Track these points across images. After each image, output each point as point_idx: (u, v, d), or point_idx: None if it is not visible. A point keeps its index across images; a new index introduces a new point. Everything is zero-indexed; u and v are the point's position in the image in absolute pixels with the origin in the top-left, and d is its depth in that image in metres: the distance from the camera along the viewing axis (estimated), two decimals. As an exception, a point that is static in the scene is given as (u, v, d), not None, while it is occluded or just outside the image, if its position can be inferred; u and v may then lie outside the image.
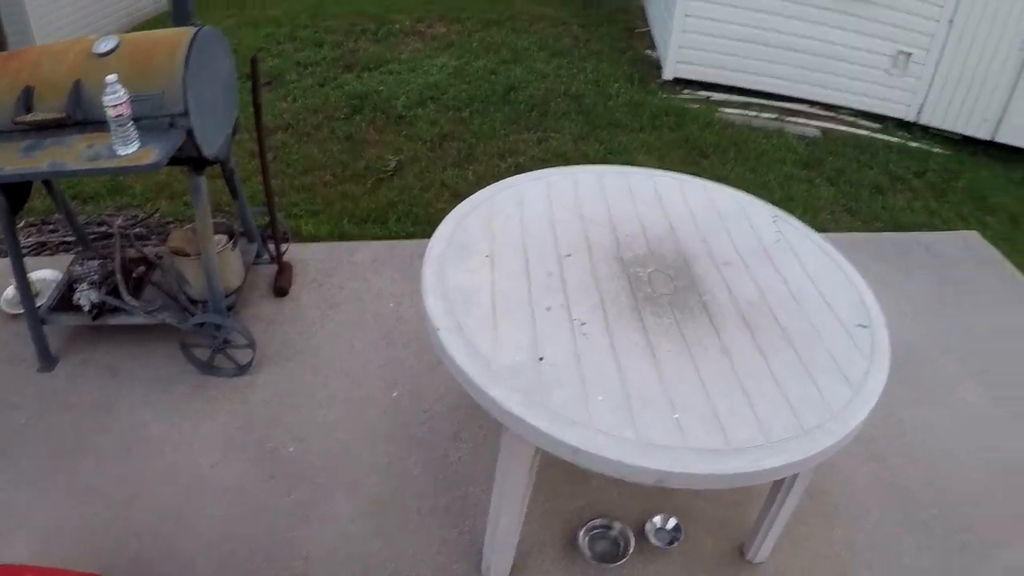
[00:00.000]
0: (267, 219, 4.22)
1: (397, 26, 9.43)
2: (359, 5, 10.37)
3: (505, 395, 2.01)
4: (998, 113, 7.47)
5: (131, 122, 2.88)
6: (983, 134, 7.58)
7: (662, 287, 2.51)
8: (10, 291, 4.09)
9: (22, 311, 3.75)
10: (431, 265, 2.49)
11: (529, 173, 3.19)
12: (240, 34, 9.00)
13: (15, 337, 3.85)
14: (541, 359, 2.14)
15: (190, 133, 3.06)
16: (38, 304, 3.72)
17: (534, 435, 1.97)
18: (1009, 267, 4.98)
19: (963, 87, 7.47)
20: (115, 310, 3.67)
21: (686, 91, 7.86)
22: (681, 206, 3.03)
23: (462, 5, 10.53)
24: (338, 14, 9.91)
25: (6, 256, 4.26)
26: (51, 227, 5.05)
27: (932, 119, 7.69)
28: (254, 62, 3.65)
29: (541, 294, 2.41)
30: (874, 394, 2.20)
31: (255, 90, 3.72)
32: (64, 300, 3.77)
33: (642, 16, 10.44)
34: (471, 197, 2.93)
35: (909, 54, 7.47)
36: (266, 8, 10.47)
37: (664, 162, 6.09)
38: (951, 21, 7.26)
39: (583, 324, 2.29)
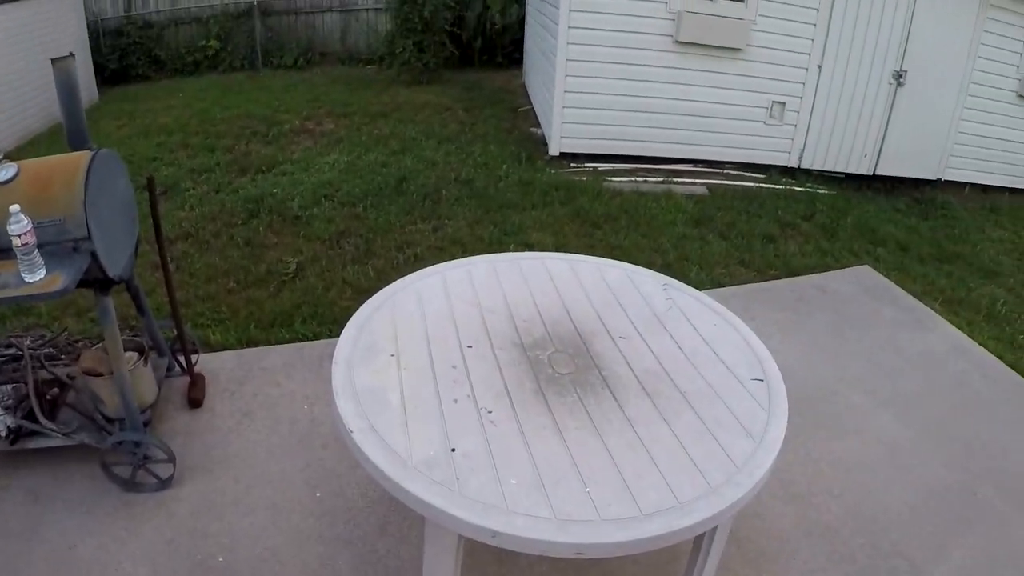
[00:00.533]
0: (175, 332, 4.22)
1: (287, 126, 9.49)
2: (246, 107, 10.44)
3: (422, 488, 2.08)
4: (876, 147, 7.83)
5: (36, 249, 2.90)
6: (864, 169, 7.93)
7: (563, 367, 2.60)
8: None
9: None
10: (339, 369, 2.55)
11: (426, 269, 3.27)
12: (132, 144, 8.99)
13: None
14: (454, 450, 2.22)
15: (94, 256, 3.08)
16: None
17: (454, 523, 2.03)
18: (901, 294, 5.22)
19: (840, 127, 7.81)
20: (32, 433, 3.63)
21: (573, 164, 8.05)
22: (574, 286, 3.14)
23: (347, 100, 10.67)
24: (227, 118, 9.95)
25: None
26: None
27: (814, 162, 8.01)
28: (151, 182, 3.69)
29: (447, 388, 2.48)
30: (776, 443, 2.31)
31: (153, 209, 3.75)
32: None
33: (524, 94, 10.67)
34: (372, 298, 3.00)
35: (783, 103, 7.77)
36: (156, 116, 10.46)
37: (559, 237, 6.23)
38: (819, 66, 7.61)
39: (490, 412, 2.37)
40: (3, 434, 3.58)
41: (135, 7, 14.62)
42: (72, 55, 3.43)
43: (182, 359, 4.25)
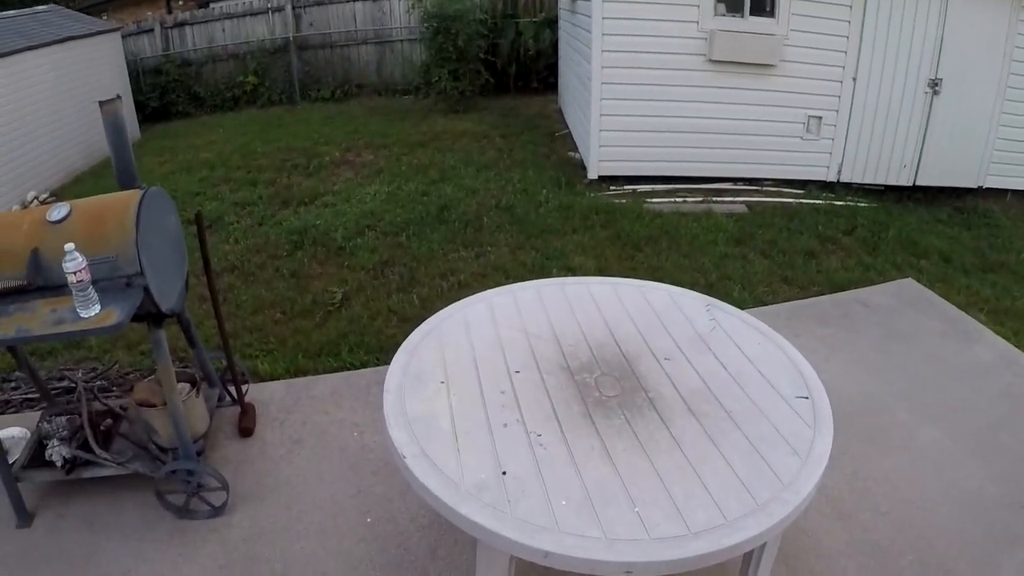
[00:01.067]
0: (224, 363, 4.29)
1: (327, 158, 9.61)
2: (286, 141, 10.57)
3: (475, 511, 2.12)
4: (915, 157, 7.74)
5: (91, 286, 2.97)
6: (904, 180, 7.84)
7: (609, 390, 2.64)
8: None
9: None
10: (391, 397, 2.60)
11: (472, 296, 3.32)
12: (175, 179, 9.16)
13: None
14: (504, 473, 2.26)
15: (147, 291, 3.15)
16: (10, 462, 3.76)
17: (506, 545, 2.07)
18: (946, 306, 5.17)
19: (877, 139, 7.73)
20: (87, 463, 3.71)
21: (612, 187, 8.07)
22: (618, 309, 3.17)
23: (385, 130, 10.76)
24: (268, 151, 10.09)
25: None
26: (12, 384, 5.08)
27: (853, 175, 7.94)
28: (199, 218, 3.78)
29: (497, 412, 2.53)
30: (822, 460, 2.32)
31: (203, 243, 3.83)
32: (36, 457, 3.80)
33: (560, 119, 10.70)
34: (420, 327, 3.06)
35: (820, 117, 7.74)
36: (198, 152, 10.63)
37: (600, 260, 6.26)
38: (854, 79, 7.56)
39: (539, 435, 2.41)
40: (59, 464, 3.66)
41: (173, 46, 14.90)
42: (119, 97, 3.53)
43: (232, 389, 4.33)
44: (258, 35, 14.83)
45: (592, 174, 8.21)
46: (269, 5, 14.71)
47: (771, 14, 7.53)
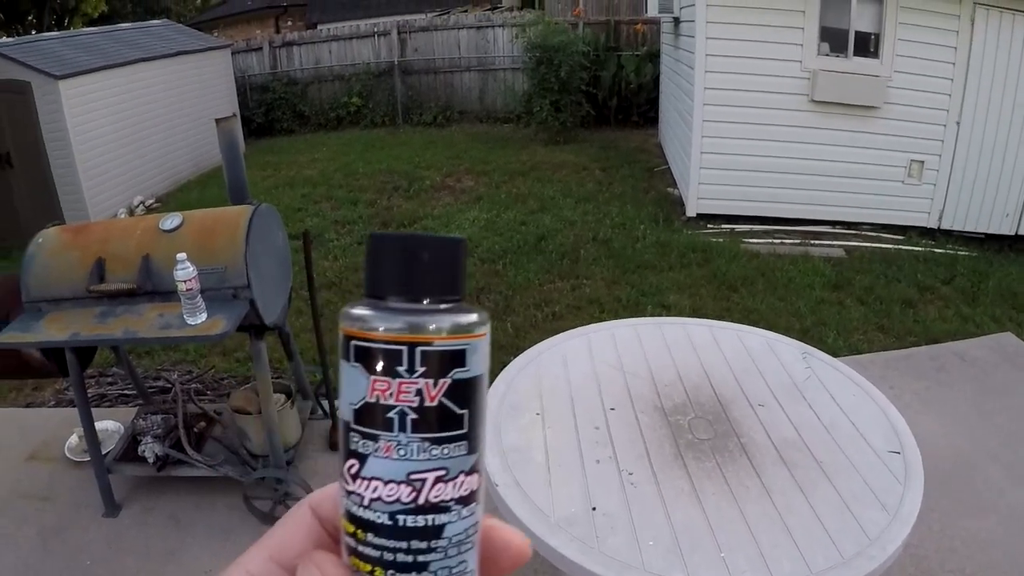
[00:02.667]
0: (320, 376, 4.41)
1: (427, 182, 9.77)
2: (389, 163, 10.75)
3: (563, 544, 2.16)
4: (1018, 205, 7.55)
5: (199, 295, 3.11)
6: (1006, 229, 7.66)
7: (702, 433, 2.67)
8: (73, 439, 4.32)
9: (85, 459, 3.96)
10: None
11: (571, 331, 3.37)
12: (278, 194, 9.41)
13: (79, 483, 4.06)
14: (594, 509, 2.30)
15: (252, 303, 3.29)
16: (103, 454, 3.92)
17: (592, 580, 2.10)
18: (1045, 362, 5.06)
19: (980, 185, 7.58)
20: (178, 462, 3.86)
21: (710, 226, 8.07)
22: (714, 352, 3.20)
23: (486, 158, 10.88)
24: (369, 172, 10.29)
25: (68, 407, 4.48)
26: (109, 379, 5.28)
27: (954, 222, 7.80)
28: (306, 237, 3.92)
29: (590, 448, 2.57)
30: (910, 517, 2.31)
31: (308, 261, 3.97)
32: (128, 451, 3.96)
33: (660, 154, 10.72)
34: (518, 358, 3.12)
35: (922, 162, 7.63)
36: (301, 169, 10.89)
37: (695, 299, 6.27)
38: (958, 123, 7.43)
39: (631, 474, 2.45)
40: (151, 460, 3.81)
41: (280, 65, 15.29)
42: (235, 115, 3.69)
43: (325, 403, 4.45)
44: (363, 58, 15.16)
45: (691, 211, 8.23)
46: (376, 29, 15.06)
47: (875, 55, 7.48)
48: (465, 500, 0.47)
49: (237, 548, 2.80)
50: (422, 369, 0.45)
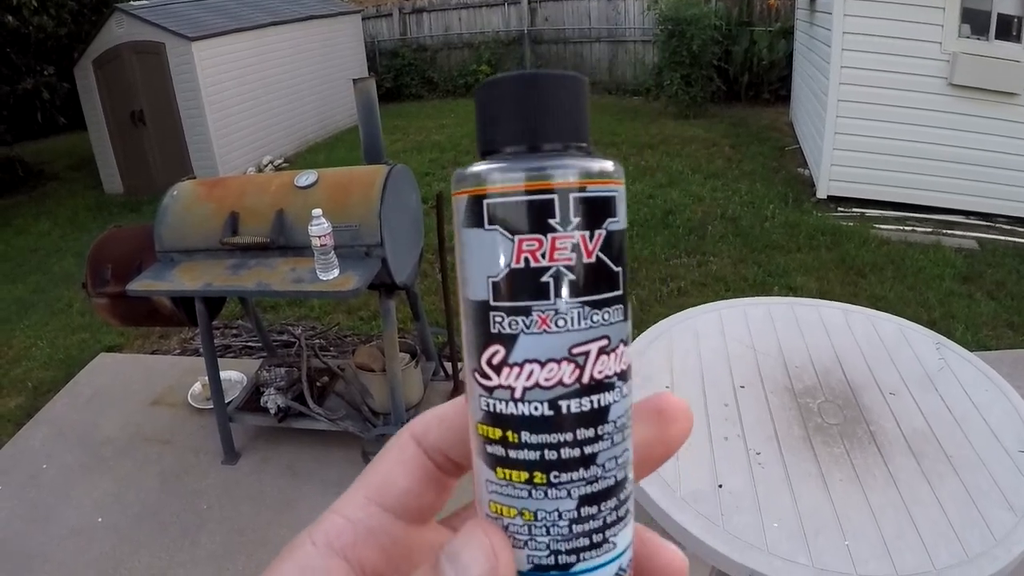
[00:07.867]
0: (444, 339, 4.51)
1: (555, 152, 9.78)
2: (517, 132, 10.79)
3: (688, 519, 2.19)
4: None
5: (333, 251, 3.21)
6: None
7: (831, 417, 2.67)
8: (197, 387, 4.53)
9: (207, 406, 4.15)
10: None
11: (702, 306, 3.38)
12: (405, 158, 9.52)
13: (200, 430, 4.27)
14: (720, 487, 2.32)
15: (384, 262, 3.38)
16: (226, 402, 4.10)
17: (713, 556, 2.13)
18: None
19: (1123, 181, 7.28)
20: (299, 415, 4.00)
21: (840, 208, 7.92)
22: (847, 336, 3.19)
23: (615, 129, 10.86)
24: (499, 140, 10.34)
25: (192, 355, 4.67)
26: (234, 331, 5.48)
27: (1094, 218, 7.51)
28: (439, 199, 4.01)
29: (719, 425, 2.61)
30: (1040, 519, 2.29)
31: (439, 224, 4.07)
32: (251, 402, 4.13)
33: (791, 133, 10.53)
34: (649, 329, 3.16)
35: (1062, 153, 7.35)
36: (429, 134, 11.02)
37: (823, 283, 6.19)
38: (1101, 115, 7.14)
39: (758, 454, 2.47)
40: (272, 411, 3.95)
41: (410, 31, 15.49)
42: (372, 75, 3.79)
43: (448, 365, 4.55)
44: (493, 26, 15.25)
45: (821, 193, 8.09)
46: (506, -2, 15.08)
47: (1017, 39, 7.18)
48: (624, 375, 0.42)
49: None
50: (576, 220, 0.38)
